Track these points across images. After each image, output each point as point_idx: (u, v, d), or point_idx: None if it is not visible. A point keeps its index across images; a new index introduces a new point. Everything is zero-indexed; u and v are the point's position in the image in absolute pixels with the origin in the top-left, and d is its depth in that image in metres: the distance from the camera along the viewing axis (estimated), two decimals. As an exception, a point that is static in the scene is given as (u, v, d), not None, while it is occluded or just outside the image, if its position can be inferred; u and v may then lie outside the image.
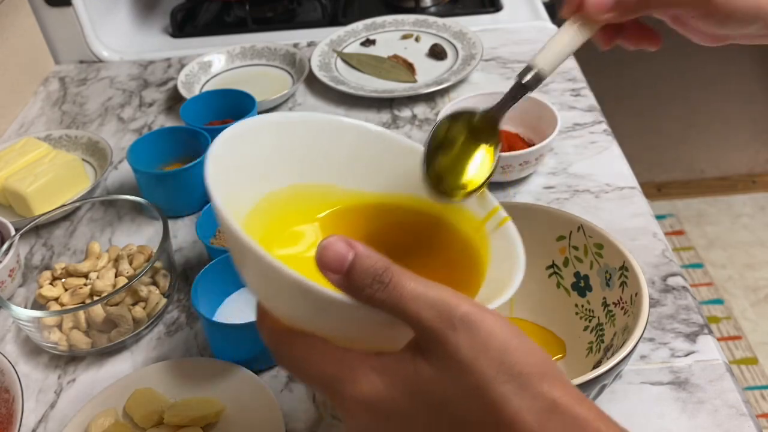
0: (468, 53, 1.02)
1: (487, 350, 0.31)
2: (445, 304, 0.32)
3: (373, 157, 0.46)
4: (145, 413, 0.58)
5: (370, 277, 0.32)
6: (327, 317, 0.34)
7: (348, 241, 0.33)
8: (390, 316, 0.33)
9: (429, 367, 0.32)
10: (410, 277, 0.32)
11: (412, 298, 0.32)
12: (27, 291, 0.70)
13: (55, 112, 1.03)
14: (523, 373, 0.31)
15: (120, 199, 0.75)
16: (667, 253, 0.69)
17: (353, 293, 0.33)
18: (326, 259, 0.33)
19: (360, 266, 0.32)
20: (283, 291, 0.34)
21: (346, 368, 0.33)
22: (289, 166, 0.45)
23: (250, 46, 1.08)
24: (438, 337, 0.32)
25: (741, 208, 2.07)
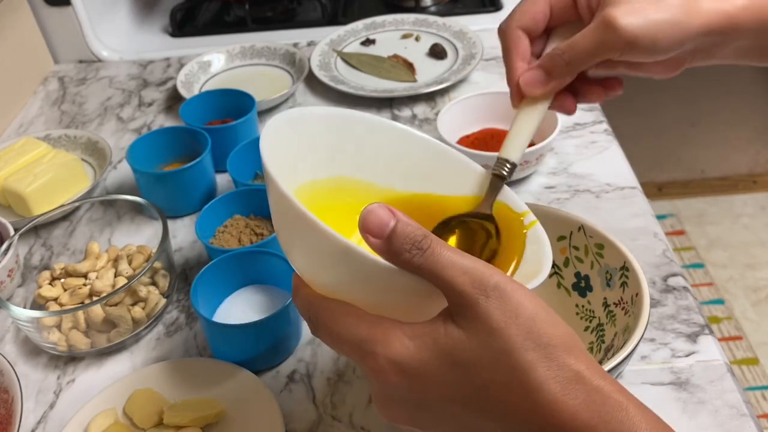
0: (468, 53, 1.02)
1: (516, 318, 0.33)
2: (479, 272, 0.33)
3: (416, 162, 0.49)
4: (144, 414, 0.58)
5: (409, 243, 0.34)
6: (365, 283, 0.36)
7: (390, 209, 0.35)
8: (425, 283, 0.34)
9: (460, 331, 0.33)
10: (447, 247, 0.34)
11: (448, 264, 0.33)
12: (26, 291, 0.70)
13: (54, 112, 1.03)
14: (550, 344, 0.33)
15: (119, 199, 0.75)
16: (667, 253, 0.69)
17: (392, 258, 0.34)
18: (369, 224, 0.34)
19: (401, 232, 0.34)
20: (327, 256, 0.36)
21: (379, 331, 0.35)
22: (334, 158, 0.47)
23: (249, 46, 1.08)
24: (470, 302, 0.33)
25: (742, 208, 2.06)
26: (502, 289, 0.33)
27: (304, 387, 0.60)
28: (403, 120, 0.93)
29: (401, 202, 0.48)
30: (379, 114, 0.94)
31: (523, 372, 0.32)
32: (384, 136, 0.48)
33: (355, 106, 0.96)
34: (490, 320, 0.33)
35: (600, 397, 0.32)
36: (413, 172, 0.49)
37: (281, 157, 0.41)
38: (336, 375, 0.61)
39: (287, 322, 0.61)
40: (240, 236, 0.70)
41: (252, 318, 0.60)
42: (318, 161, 0.46)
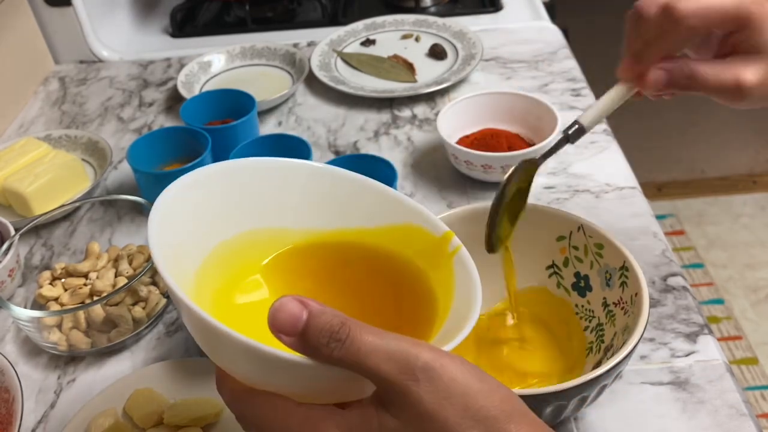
0: (468, 53, 1.02)
1: (450, 397, 0.31)
2: (404, 355, 0.31)
3: (322, 195, 0.46)
4: (144, 413, 0.58)
5: (326, 336, 0.32)
6: (286, 378, 0.34)
7: (300, 300, 0.32)
8: (350, 372, 0.32)
9: (393, 420, 0.32)
10: (367, 330, 0.32)
11: (371, 351, 0.31)
12: (27, 291, 0.70)
13: (54, 112, 1.03)
14: (489, 416, 0.32)
15: (120, 199, 0.75)
16: (667, 253, 0.69)
17: (310, 354, 0.32)
18: (279, 322, 0.32)
19: (315, 326, 0.32)
20: (236, 355, 0.34)
21: (310, 426, 0.33)
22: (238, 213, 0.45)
23: (249, 46, 1.08)
24: (400, 390, 0.31)
25: (741, 208, 2.06)
26: (431, 369, 0.31)
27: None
28: (403, 120, 0.93)
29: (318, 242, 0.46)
30: (379, 114, 0.94)
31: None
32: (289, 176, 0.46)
33: (355, 106, 0.96)
34: (422, 405, 0.31)
35: None
36: (328, 208, 0.46)
37: (179, 234, 0.39)
38: (336, 375, 0.61)
39: (287, 321, 0.61)
40: (240, 236, 0.70)
41: (252, 318, 0.60)
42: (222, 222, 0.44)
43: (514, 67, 1.01)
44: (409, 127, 0.91)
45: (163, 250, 0.37)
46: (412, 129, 0.91)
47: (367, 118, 0.94)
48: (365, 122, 0.93)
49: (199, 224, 0.43)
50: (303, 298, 0.33)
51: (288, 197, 0.46)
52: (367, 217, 0.46)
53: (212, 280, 0.42)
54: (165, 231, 0.38)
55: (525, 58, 1.02)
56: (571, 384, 0.46)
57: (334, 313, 0.32)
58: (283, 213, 0.46)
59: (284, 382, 0.34)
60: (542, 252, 0.61)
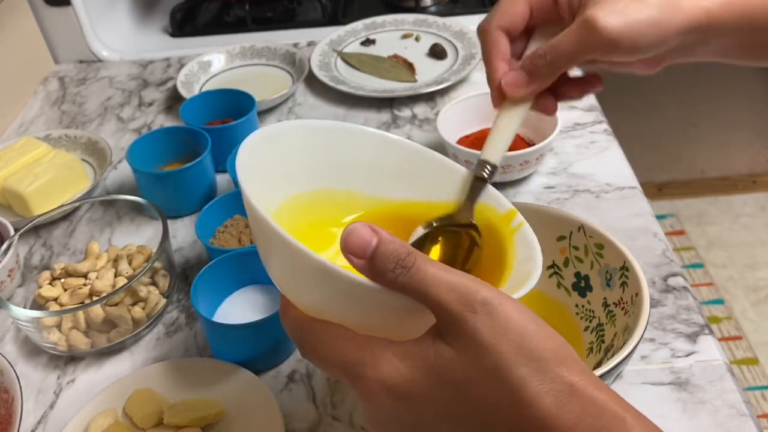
0: (468, 53, 1.02)
1: (506, 333, 0.32)
2: (465, 288, 0.32)
3: (396, 166, 0.48)
4: (144, 413, 0.58)
5: (393, 262, 0.33)
6: (351, 303, 0.35)
7: (372, 227, 0.34)
8: (412, 301, 0.33)
9: (449, 349, 0.33)
10: (432, 263, 0.33)
11: (434, 281, 0.32)
12: (26, 291, 0.70)
13: (54, 112, 1.03)
14: (542, 357, 0.32)
15: (119, 199, 0.75)
16: (667, 253, 0.69)
17: (377, 277, 0.33)
18: (350, 244, 0.33)
19: (383, 251, 0.33)
20: (308, 277, 0.35)
21: (368, 353, 0.34)
22: (316, 170, 0.46)
23: (249, 46, 1.08)
24: (458, 320, 0.32)
25: (741, 208, 2.06)
26: (490, 304, 0.32)
27: (304, 387, 0.60)
28: (403, 120, 0.93)
29: (388, 211, 0.48)
30: (379, 114, 0.94)
31: (515, 388, 0.32)
32: (365, 143, 0.47)
33: (355, 106, 0.96)
34: (479, 337, 0.32)
35: (596, 410, 0.32)
36: (399, 178, 0.47)
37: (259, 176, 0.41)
38: (336, 375, 0.61)
39: (287, 322, 0.61)
40: (240, 236, 0.70)
41: (252, 318, 0.60)
42: (299, 175, 0.45)
43: (514, 66, 1.00)
44: (409, 127, 0.91)
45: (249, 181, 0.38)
46: (412, 129, 0.91)
47: (367, 118, 0.94)
48: (365, 122, 0.93)
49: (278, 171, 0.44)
50: (374, 226, 0.34)
51: (364, 163, 0.47)
52: (438, 191, 0.47)
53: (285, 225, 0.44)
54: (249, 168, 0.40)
55: (525, 57, 1.02)
56: (572, 384, 0.46)
57: (403, 243, 0.34)
58: (357, 177, 0.47)
59: (348, 309, 0.35)
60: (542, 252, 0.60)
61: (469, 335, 0.32)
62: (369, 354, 0.34)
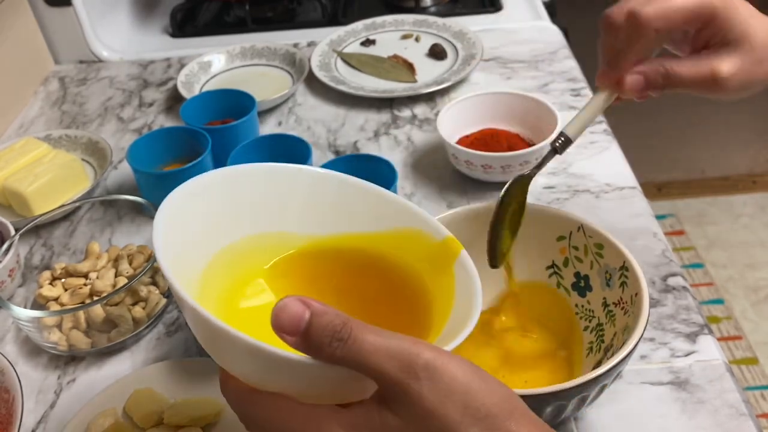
0: (468, 53, 1.02)
1: (451, 395, 0.32)
2: (406, 354, 0.32)
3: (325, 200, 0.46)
4: (144, 413, 0.58)
5: (328, 336, 0.32)
6: (289, 377, 0.34)
7: (303, 300, 0.32)
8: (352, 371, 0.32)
9: (395, 417, 0.32)
10: (369, 330, 0.32)
11: (373, 350, 0.32)
12: (27, 291, 0.70)
13: (54, 112, 1.03)
14: (490, 414, 0.32)
15: (120, 199, 0.75)
16: (667, 253, 0.69)
17: (313, 353, 0.32)
18: (282, 322, 0.32)
19: (317, 325, 0.32)
20: (239, 355, 0.34)
21: (313, 425, 0.33)
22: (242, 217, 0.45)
23: (249, 46, 1.08)
24: (401, 388, 0.32)
25: (741, 208, 2.07)
26: (432, 368, 0.32)
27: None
28: (403, 120, 0.93)
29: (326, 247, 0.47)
30: (379, 114, 0.94)
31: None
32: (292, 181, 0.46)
33: (355, 106, 0.96)
34: (424, 403, 0.31)
35: None
36: (331, 213, 0.47)
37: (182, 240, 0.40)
38: (336, 375, 0.61)
39: (287, 321, 0.61)
40: (240, 236, 0.70)
41: (252, 318, 0.60)
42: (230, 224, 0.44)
43: (514, 67, 1.01)
44: (409, 127, 0.91)
45: (168, 252, 0.37)
46: (412, 129, 0.91)
47: (367, 118, 0.94)
48: (365, 122, 0.93)
49: (202, 228, 0.43)
50: (306, 299, 0.33)
51: (291, 202, 0.46)
52: (369, 221, 0.46)
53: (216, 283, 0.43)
54: (170, 233, 0.39)
55: (525, 58, 1.02)
56: (571, 384, 0.46)
57: (337, 313, 0.33)
58: (287, 217, 0.46)
59: (287, 382, 0.34)
60: (542, 252, 0.61)
61: (415, 402, 0.32)
62: (315, 426, 0.33)
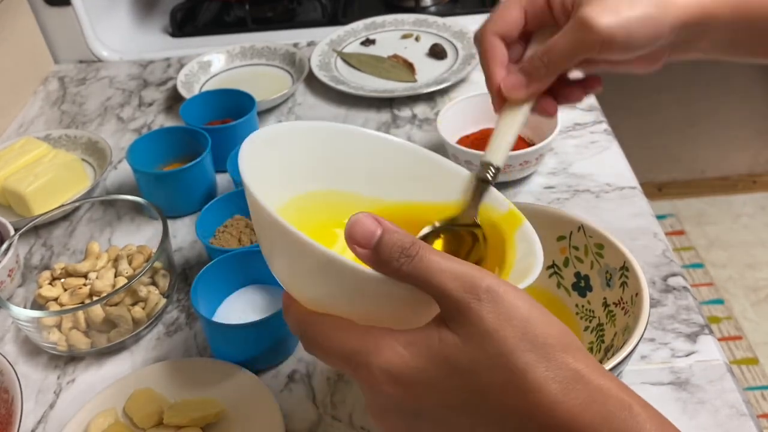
0: (468, 53, 1.02)
1: (510, 320, 0.32)
2: (470, 276, 0.33)
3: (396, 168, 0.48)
4: (144, 413, 0.58)
5: (397, 251, 0.33)
6: (355, 294, 0.35)
7: (376, 218, 0.34)
8: (417, 291, 0.33)
9: (454, 336, 0.33)
10: (436, 253, 0.33)
11: (438, 270, 0.33)
12: (26, 291, 0.70)
13: (54, 112, 1.03)
14: (547, 343, 0.32)
15: (119, 199, 0.75)
16: (667, 253, 0.69)
17: (381, 267, 0.34)
18: (355, 234, 0.34)
19: (388, 240, 0.33)
20: (313, 269, 0.35)
21: (371, 341, 0.34)
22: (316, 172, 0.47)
23: (249, 46, 1.08)
24: (463, 307, 0.32)
25: (741, 208, 2.06)
26: (495, 292, 0.32)
27: (304, 387, 0.60)
28: (403, 120, 0.93)
29: (389, 212, 0.48)
30: (379, 114, 0.94)
31: (520, 374, 0.32)
32: (366, 145, 0.47)
33: (355, 106, 0.96)
34: (483, 324, 0.32)
35: (601, 396, 0.32)
36: (399, 180, 0.48)
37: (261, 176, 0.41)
38: (336, 375, 0.61)
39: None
40: (240, 236, 0.70)
41: (252, 318, 0.60)
42: (300, 177, 0.46)
43: (514, 66, 1.00)
44: (409, 127, 0.91)
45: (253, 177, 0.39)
46: (412, 129, 0.91)
47: (367, 118, 0.94)
48: (365, 122, 0.93)
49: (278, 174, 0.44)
50: (378, 217, 0.34)
51: (364, 165, 0.47)
52: (438, 193, 0.48)
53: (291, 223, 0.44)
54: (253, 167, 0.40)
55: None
56: (572, 384, 0.46)
57: (406, 233, 0.34)
58: (358, 178, 0.48)
59: (352, 300, 0.36)
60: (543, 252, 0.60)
61: (474, 322, 0.32)
62: (372, 342, 0.34)
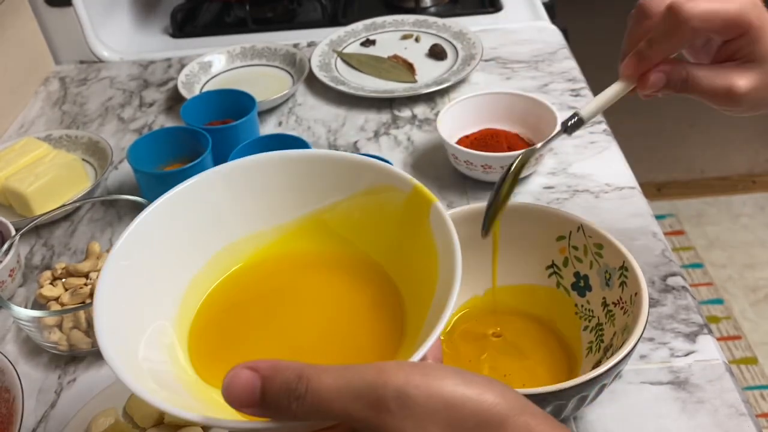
0: (468, 53, 1.02)
1: (431, 416, 0.29)
2: (370, 390, 0.29)
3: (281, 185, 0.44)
4: (145, 413, 0.58)
5: (285, 398, 0.30)
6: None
7: (251, 366, 0.31)
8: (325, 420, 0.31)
9: None
10: (327, 374, 0.30)
11: (333, 397, 0.30)
12: (27, 291, 0.70)
13: (55, 112, 1.04)
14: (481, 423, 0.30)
15: (120, 199, 0.75)
16: (666, 253, 0.69)
17: (278, 417, 0.31)
18: (235, 397, 0.30)
19: (270, 389, 0.30)
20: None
21: None
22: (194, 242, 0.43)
23: (250, 47, 1.08)
24: (374, 426, 0.30)
25: (741, 208, 2.07)
26: (403, 396, 0.29)
27: (304, 386, 0.60)
28: (403, 120, 0.93)
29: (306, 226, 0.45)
30: (379, 114, 0.94)
31: None
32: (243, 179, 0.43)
33: (355, 106, 0.96)
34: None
35: None
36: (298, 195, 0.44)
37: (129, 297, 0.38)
38: (336, 374, 0.61)
39: (288, 321, 0.61)
40: (240, 236, 0.70)
41: (252, 318, 0.60)
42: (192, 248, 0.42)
43: (513, 67, 1.01)
44: (409, 127, 0.92)
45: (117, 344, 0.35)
46: (412, 129, 0.91)
47: (367, 118, 0.94)
48: (365, 122, 0.93)
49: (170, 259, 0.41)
50: (255, 363, 0.31)
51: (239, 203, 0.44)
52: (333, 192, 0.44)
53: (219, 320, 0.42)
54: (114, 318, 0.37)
55: (525, 58, 1.02)
56: (571, 384, 0.46)
57: (288, 367, 0.30)
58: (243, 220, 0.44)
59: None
60: (542, 252, 0.61)
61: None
62: None
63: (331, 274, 0.44)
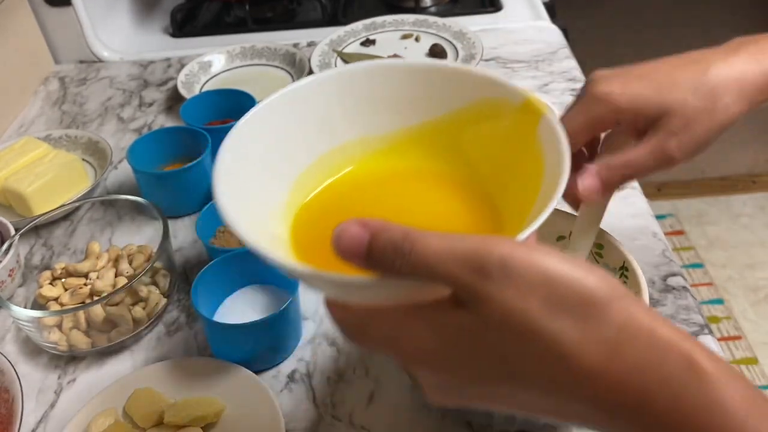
0: (468, 53, 1.02)
1: (531, 288, 0.29)
2: (475, 255, 0.30)
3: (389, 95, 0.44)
4: (145, 413, 0.58)
5: (390, 254, 0.31)
6: (373, 295, 0.34)
7: (362, 222, 0.32)
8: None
9: (475, 318, 0.31)
10: (432, 237, 0.31)
11: (438, 258, 0.30)
12: (27, 291, 0.70)
13: (55, 112, 1.03)
14: (581, 302, 0.29)
15: (120, 199, 0.75)
16: (667, 253, 0.69)
17: (381, 272, 0.32)
18: (344, 249, 0.32)
19: (377, 245, 0.31)
20: (328, 287, 0.36)
21: (400, 329, 0.33)
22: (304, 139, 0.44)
23: (250, 46, 1.08)
24: (475, 291, 0.30)
25: (741, 208, 2.07)
26: (506, 264, 0.29)
27: (304, 387, 0.61)
28: (403, 120, 0.93)
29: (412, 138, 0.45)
30: (379, 114, 0.94)
31: (552, 343, 0.29)
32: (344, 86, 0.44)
33: (355, 106, 0.96)
34: (502, 304, 0.29)
35: (656, 355, 0.29)
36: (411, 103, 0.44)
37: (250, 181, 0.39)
38: (336, 375, 0.61)
39: (287, 322, 0.61)
40: (240, 236, 0.70)
41: (252, 318, 0.60)
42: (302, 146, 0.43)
43: (514, 67, 1.01)
44: (409, 127, 0.91)
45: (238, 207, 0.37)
46: (412, 129, 0.91)
47: (367, 118, 0.94)
48: (365, 122, 0.93)
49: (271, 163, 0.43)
50: (365, 219, 0.32)
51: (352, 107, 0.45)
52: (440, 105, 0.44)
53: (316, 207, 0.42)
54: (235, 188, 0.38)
55: (525, 58, 1.02)
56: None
57: (397, 228, 0.31)
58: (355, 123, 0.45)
59: (368, 299, 0.35)
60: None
61: (491, 303, 0.30)
62: (406, 330, 0.33)
63: (432, 186, 0.45)
